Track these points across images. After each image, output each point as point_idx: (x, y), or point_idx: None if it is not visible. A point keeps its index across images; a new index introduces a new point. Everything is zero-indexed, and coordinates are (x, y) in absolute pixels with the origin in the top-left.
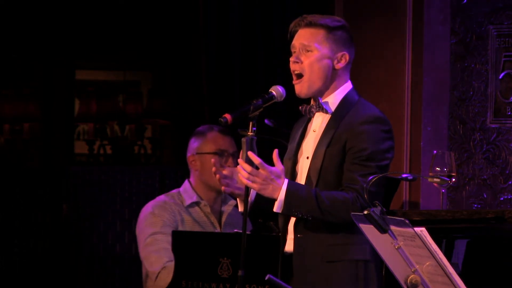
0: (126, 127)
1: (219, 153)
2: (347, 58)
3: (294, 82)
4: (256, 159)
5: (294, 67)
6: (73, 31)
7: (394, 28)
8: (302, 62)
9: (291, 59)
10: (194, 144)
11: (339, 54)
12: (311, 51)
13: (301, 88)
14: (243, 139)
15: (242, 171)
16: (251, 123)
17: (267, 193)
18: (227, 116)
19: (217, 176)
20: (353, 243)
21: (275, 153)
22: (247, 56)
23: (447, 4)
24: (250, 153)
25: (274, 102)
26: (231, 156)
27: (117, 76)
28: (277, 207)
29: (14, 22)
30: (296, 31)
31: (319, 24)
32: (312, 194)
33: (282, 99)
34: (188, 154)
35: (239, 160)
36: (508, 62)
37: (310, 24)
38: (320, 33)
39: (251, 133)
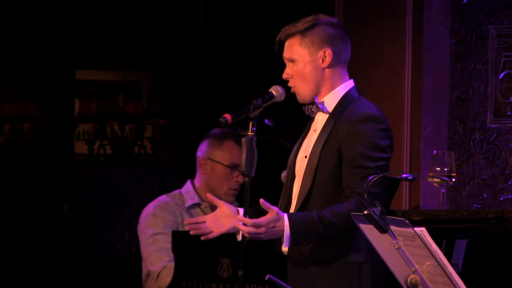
0: (126, 127)
1: (232, 167)
2: (331, 53)
3: (291, 91)
4: (248, 222)
5: (289, 83)
6: (73, 31)
7: (394, 28)
8: (292, 76)
9: (283, 76)
10: (208, 149)
11: (321, 53)
12: (294, 62)
13: (298, 97)
14: (243, 139)
15: (243, 230)
16: (251, 123)
17: (275, 237)
18: (227, 116)
19: (187, 228)
20: (347, 245)
21: (262, 201)
22: (247, 56)
23: (447, 4)
24: (240, 218)
25: (274, 102)
26: None
27: (117, 76)
28: (285, 243)
29: (14, 22)
30: (283, 45)
31: (293, 33)
32: (315, 218)
33: (282, 99)
34: (200, 156)
35: (239, 225)
36: (508, 62)
37: (286, 37)
38: (295, 41)
39: (251, 133)
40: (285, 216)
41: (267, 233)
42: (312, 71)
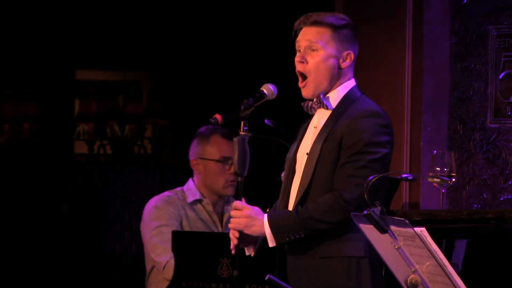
0: (126, 127)
1: (223, 161)
2: (352, 56)
3: (300, 85)
4: (236, 205)
5: (299, 67)
6: (73, 31)
7: (394, 28)
8: (307, 63)
9: (296, 58)
10: (197, 148)
11: (345, 53)
12: (317, 51)
13: (308, 91)
14: (235, 139)
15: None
16: (242, 122)
17: (256, 230)
18: (218, 116)
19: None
20: (347, 240)
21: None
22: (247, 56)
23: (447, 4)
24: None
25: (266, 100)
26: None
27: (117, 76)
28: (270, 242)
29: (14, 22)
30: (300, 29)
31: (325, 23)
32: (293, 213)
33: (274, 97)
34: (191, 158)
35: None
36: (508, 62)
37: (315, 23)
38: (326, 32)
39: (243, 133)
40: (265, 216)
41: (248, 221)
42: (331, 67)
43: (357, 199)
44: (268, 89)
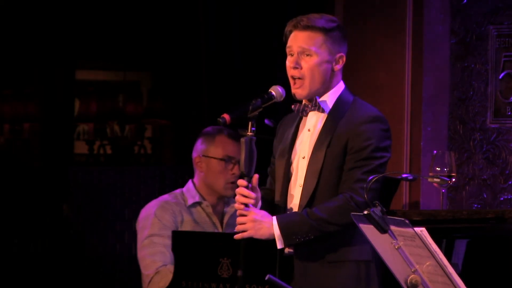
0: (126, 127)
1: (226, 160)
2: (344, 59)
3: (294, 87)
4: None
5: (293, 72)
6: (73, 31)
7: (394, 28)
8: (301, 68)
9: (290, 64)
10: (201, 146)
11: (337, 56)
12: (311, 56)
13: (301, 92)
14: (242, 139)
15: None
16: (250, 123)
17: (265, 233)
18: (226, 116)
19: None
20: (354, 244)
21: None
22: (247, 56)
23: (447, 4)
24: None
25: (274, 102)
26: (238, 163)
27: (117, 76)
28: (279, 244)
29: (14, 22)
30: (291, 32)
31: (317, 27)
32: (303, 214)
33: (282, 99)
34: (194, 155)
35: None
36: (508, 62)
37: (307, 27)
38: (318, 36)
39: (251, 133)
40: (274, 218)
41: (255, 225)
42: (325, 71)
43: (367, 203)
44: (277, 90)
